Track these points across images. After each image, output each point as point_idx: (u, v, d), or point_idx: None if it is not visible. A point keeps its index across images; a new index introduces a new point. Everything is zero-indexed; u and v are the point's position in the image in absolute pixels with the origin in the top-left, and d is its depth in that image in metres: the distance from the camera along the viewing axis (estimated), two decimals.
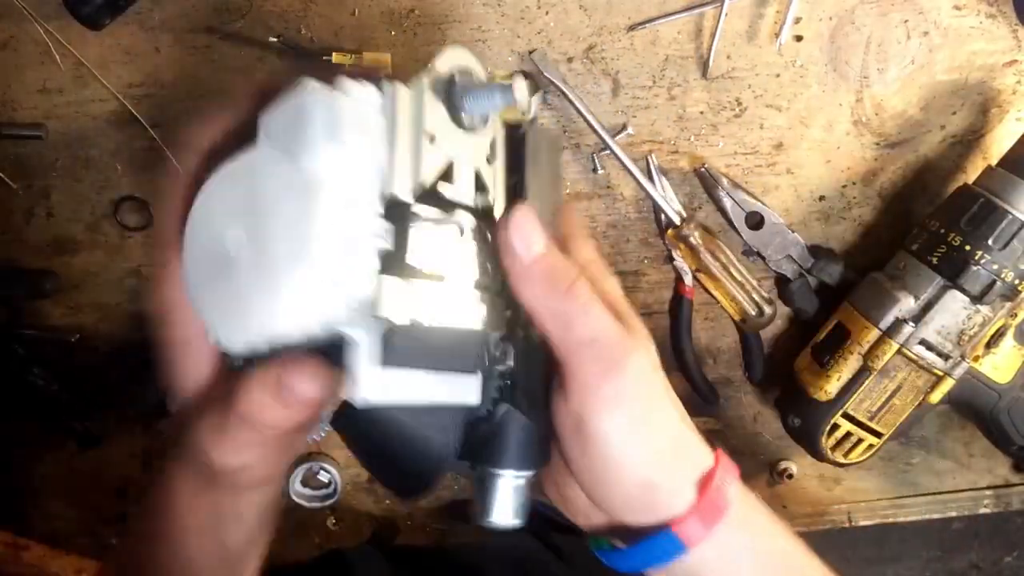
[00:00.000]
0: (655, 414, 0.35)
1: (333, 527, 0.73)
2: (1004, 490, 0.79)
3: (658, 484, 0.35)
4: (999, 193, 0.58)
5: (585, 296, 0.34)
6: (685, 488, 0.35)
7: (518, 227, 0.33)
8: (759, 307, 0.66)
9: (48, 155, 0.61)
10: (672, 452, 0.35)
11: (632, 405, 0.34)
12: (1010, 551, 1.45)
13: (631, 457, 0.34)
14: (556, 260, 0.34)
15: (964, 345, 0.61)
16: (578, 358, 0.34)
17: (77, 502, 0.71)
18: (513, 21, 0.59)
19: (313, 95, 0.29)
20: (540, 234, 0.33)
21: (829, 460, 0.66)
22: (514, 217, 0.33)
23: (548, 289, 0.33)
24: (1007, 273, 0.58)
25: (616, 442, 0.34)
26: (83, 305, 0.65)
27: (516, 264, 0.33)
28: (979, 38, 0.62)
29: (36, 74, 0.58)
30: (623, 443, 0.34)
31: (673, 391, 0.36)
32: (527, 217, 0.33)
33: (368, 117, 0.30)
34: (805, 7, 0.60)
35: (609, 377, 0.33)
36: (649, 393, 0.35)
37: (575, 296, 0.33)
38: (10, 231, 0.63)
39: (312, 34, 0.59)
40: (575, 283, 0.34)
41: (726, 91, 0.62)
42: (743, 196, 0.63)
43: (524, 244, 0.33)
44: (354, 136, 0.29)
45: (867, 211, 0.67)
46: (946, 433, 0.75)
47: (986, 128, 0.64)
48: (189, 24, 0.58)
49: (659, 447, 0.35)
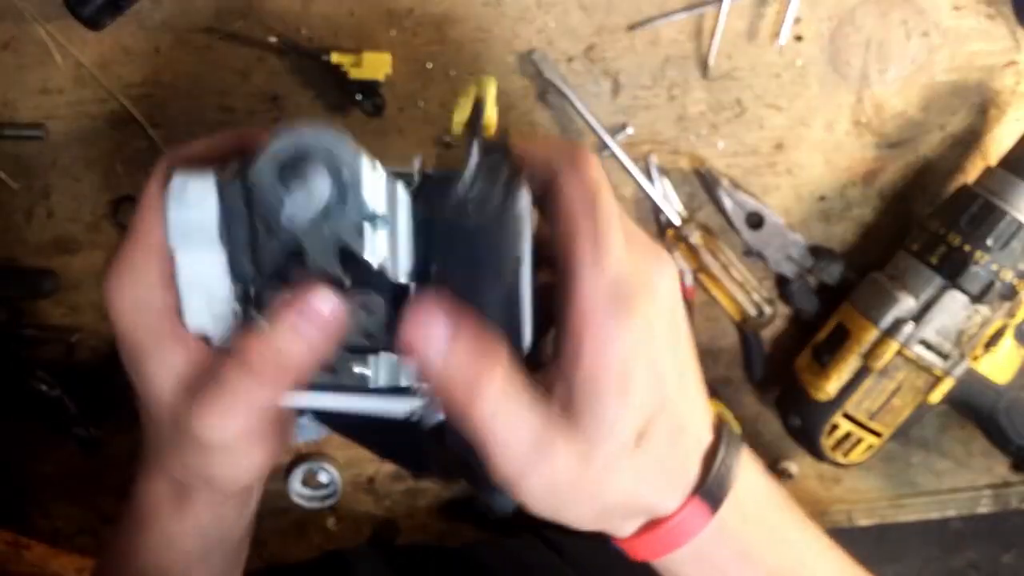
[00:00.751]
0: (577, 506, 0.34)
1: (333, 527, 0.73)
2: (1003, 489, 0.79)
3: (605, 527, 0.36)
4: (999, 193, 0.58)
5: (489, 409, 0.31)
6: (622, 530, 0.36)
7: (411, 337, 0.31)
8: (759, 307, 0.66)
9: (48, 155, 0.61)
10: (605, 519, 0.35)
11: (548, 501, 0.33)
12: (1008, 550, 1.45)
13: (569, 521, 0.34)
14: (454, 366, 0.31)
15: (964, 345, 0.61)
16: (495, 457, 0.32)
17: (78, 502, 0.71)
18: (513, 21, 0.59)
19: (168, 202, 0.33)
20: (436, 337, 0.31)
21: (829, 460, 0.66)
22: (407, 322, 0.31)
23: (452, 399, 0.32)
24: (1006, 273, 0.58)
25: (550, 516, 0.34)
26: (83, 305, 0.65)
27: (422, 371, 0.32)
28: (979, 39, 0.62)
29: (36, 74, 0.58)
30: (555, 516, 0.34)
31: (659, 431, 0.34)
32: (420, 319, 0.31)
33: (204, 222, 0.32)
34: (805, 7, 0.60)
35: (521, 480, 0.32)
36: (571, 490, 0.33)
37: (478, 409, 0.31)
38: (10, 231, 0.63)
39: (312, 34, 0.59)
40: (480, 392, 0.31)
41: (726, 91, 0.62)
42: (743, 196, 0.63)
43: (419, 350, 0.31)
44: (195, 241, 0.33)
45: (867, 211, 0.67)
46: (946, 433, 0.75)
47: (986, 128, 0.64)
48: (189, 24, 0.58)
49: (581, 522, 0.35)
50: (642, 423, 0.33)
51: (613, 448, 0.32)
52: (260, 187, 0.30)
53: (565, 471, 0.32)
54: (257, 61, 0.59)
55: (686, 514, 0.35)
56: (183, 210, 0.32)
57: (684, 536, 0.35)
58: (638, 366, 0.32)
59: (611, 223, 0.32)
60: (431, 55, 0.60)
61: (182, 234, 0.33)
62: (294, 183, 0.29)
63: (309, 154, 0.30)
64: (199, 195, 0.32)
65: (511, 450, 0.32)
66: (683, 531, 0.35)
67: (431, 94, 0.61)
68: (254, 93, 0.60)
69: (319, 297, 0.31)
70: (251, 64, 0.59)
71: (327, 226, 0.30)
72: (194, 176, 0.32)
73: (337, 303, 0.31)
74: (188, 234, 0.33)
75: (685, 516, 0.35)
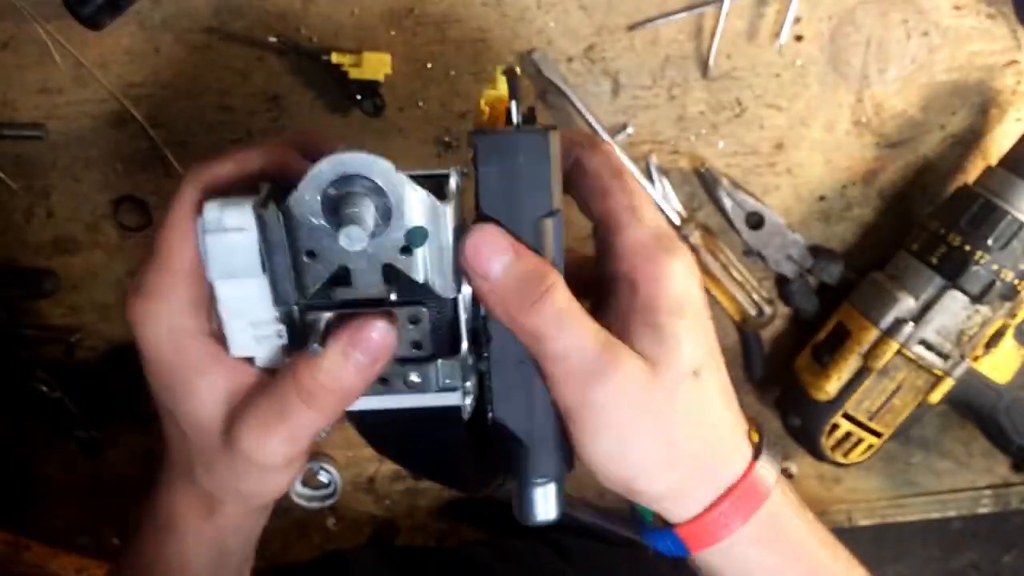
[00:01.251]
0: (645, 426, 0.33)
1: (333, 527, 0.73)
2: (1003, 489, 0.79)
3: (648, 494, 0.35)
4: (999, 193, 0.58)
5: (552, 311, 0.32)
6: (688, 499, 0.35)
7: (471, 253, 0.32)
8: (759, 307, 0.66)
9: (48, 155, 0.61)
10: (670, 467, 0.34)
11: (616, 421, 0.33)
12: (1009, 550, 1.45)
13: (617, 474, 0.34)
14: (516, 278, 0.32)
15: (964, 345, 0.61)
16: (554, 375, 0.33)
17: (78, 502, 0.71)
18: (513, 21, 0.59)
19: (205, 235, 0.32)
20: (498, 253, 0.32)
21: (829, 460, 0.66)
22: (467, 244, 0.32)
23: (513, 310, 0.33)
24: (1007, 273, 0.58)
25: (602, 460, 0.34)
26: (83, 305, 0.66)
27: (478, 288, 0.33)
28: (979, 38, 0.62)
29: (36, 74, 0.58)
30: (608, 460, 0.34)
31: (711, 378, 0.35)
32: (480, 240, 0.32)
33: (246, 250, 0.33)
34: (805, 7, 0.60)
35: (587, 394, 0.33)
36: (639, 403, 0.33)
37: (540, 313, 0.32)
38: (10, 231, 0.63)
39: (312, 34, 0.59)
40: (541, 298, 0.32)
41: (726, 91, 0.62)
42: (743, 196, 0.63)
43: (480, 268, 0.32)
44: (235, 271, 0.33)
45: (867, 211, 0.67)
46: (946, 433, 0.75)
47: (986, 128, 0.64)
48: (189, 24, 0.58)
49: (648, 462, 0.34)
50: (697, 355, 0.34)
51: (677, 370, 0.33)
52: (304, 217, 0.30)
53: (632, 384, 0.33)
54: (257, 61, 0.59)
55: (754, 477, 0.35)
56: (222, 242, 0.32)
57: (753, 503, 0.34)
58: (692, 302, 0.34)
59: (643, 191, 0.35)
60: (431, 55, 0.60)
61: (222, 266, 0.33)
62: (342, 214, 0.30)
63: (352, 182, 0.30)
64: (237, 225, 0.32)
65: (576, 361, 0.32)
66: (752, 497, 0.35)
67: (431, 94, 0.61)
68: (254, 93, 0.60)
69: (370, 326, 0.32)
70: (251, 64, 0.59)
71: (372, 247, 0.31)
72: (230, 206, 0.32)
73: (387, 329, 0.32)
74: (228, 265, 0.33)
75: (754, 480, 0.35)
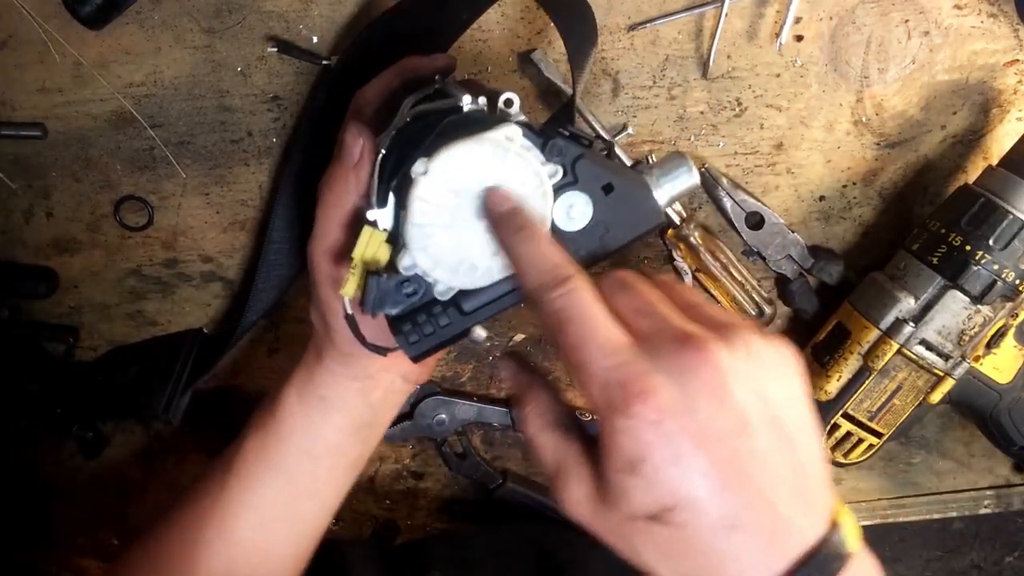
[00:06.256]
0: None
1: (333, 527, 0.73)
2: (1005, 490, 0.78)
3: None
4: (1000, 193, 0.58)
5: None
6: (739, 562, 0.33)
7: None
8: (759, 307, 0.66)
9: (48, 155, 0.61)
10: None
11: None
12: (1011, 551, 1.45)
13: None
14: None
15: (964, 345, 0.61)
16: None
17: (77, 502, 0.71)
18: (513, 21, 0.59)
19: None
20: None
21: (829, 460, 0.66)
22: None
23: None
24: (1008, 273, 0.58)
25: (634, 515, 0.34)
26: (83, 305, 0.66)
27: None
28: (980, 38, 0.62)
29: (35, 74, 0.58)
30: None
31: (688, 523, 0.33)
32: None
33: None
34: (805, 7, 0.60)
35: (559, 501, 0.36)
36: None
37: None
38: (10, 231, 0.63)
39: (312, 34, 0.58)
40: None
41: (726, 91, 0.62)
42: (743, 196, 0.63)
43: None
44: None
45: (867, 211, 0.66)
46: (946, 433, 0.75)
47: (987, 128, 0.64)
48: (189, 24, 0.58)
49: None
50: (650, 507, 0.32)
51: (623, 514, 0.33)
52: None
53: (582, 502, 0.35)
54: (257, 61, 0.59)
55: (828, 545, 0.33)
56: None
57: None
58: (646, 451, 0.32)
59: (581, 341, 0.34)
60: None
61: None
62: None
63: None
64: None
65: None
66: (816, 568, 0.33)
67: None
68: (254, 93, 0.60)
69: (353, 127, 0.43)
70: (251, 64, 0.59)
71: None
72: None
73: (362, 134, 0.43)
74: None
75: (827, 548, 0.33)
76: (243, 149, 0.61)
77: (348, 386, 0.49)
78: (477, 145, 0.37)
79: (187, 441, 0.70)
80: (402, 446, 0.72)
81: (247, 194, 0.63)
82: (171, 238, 0.64)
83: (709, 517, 0.32)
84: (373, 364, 0.48)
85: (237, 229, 0.64)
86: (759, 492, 0.32)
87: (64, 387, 0.65)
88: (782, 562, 0.32)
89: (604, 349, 0.33)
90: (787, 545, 0.33)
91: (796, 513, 0.33)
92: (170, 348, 0.65)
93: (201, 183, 0.62)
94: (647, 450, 0.32)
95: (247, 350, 0.68)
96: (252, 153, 0.61)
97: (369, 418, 0.51)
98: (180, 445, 0.70)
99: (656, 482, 0.32)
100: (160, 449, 0.70)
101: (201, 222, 0.63)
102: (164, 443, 0.70)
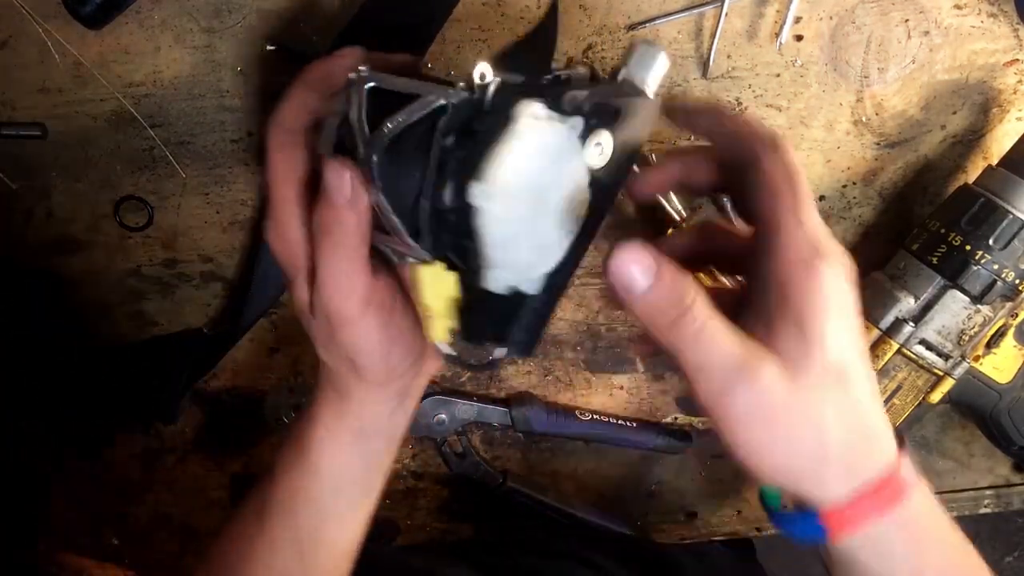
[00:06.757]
0: (789, 428, 0.35)
1: None
2: (1005, 490, 0.78)
3: (802, 487, 0.36)
4: (999, 193, 0.58)
5: (691, 331, 0.34)
6: (835, 487, 0.35)
7: (616, 268, 0.35)
8: None
9: (48, 155, 0.61)
10: (821, 460, 0.35)
11: (760, 424, 0.34)
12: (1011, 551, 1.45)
13: (768, 468, 0.35)
14: (659, 295, 0.35)
15: (964, 345, 0.61)
16: (696, 382, 0.35)
17: (77, 502, 0.71)
18: (513, 21, 0.59)
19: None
20: (641, 271, 0.35)
21: None
22: (613, 260, 0.35)
23: (655, 325, 0.35)
24: (1008, 273, 0.58)
25: (752, 455, 0.35)
26: (83, 305, 0.66)
27: (623, 300, 0.36)
28: (980, 37, 0.62)
29: (35, 74, 0.58)
30: (760, 456, 0.35)
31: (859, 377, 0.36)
32: (625, 257, 0.35)
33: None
34: (805, 7, 0.60)
35: (728, 401, 0.34)
36: (782, 406, 0.34)
37: (680, 331, 0.34)
38: (10, 231, 0.63)
39: (312, 33, 0.58)
40: (681, 317, 0.34)
41: (726, 91, 0.62)
42: None
43: (624, 285, 0.35)
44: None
45: (867, 211, 0.66)
46: (946, 433, 0.75)
47: (987, 128, 0.64)
48: (189, 24, 0.58)
49: (802, 461, 0.35)
50: (844, 355, 0.35)
51: (819, 373, 0.34)
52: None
53: (773, 388, 0.34)
54: (257, 61, 0.59)
55: (901, 472, 0.36)
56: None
57: (899, 495, 0.36)
58: (841, 304, 0.35)
59: (809, 195, 0.36)
60: (431, 55, 0.60)
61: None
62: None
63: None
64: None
65: (715, 370, 0.34)
66: (898, 489, 0.36)
67: None
68: (254, 93, 0.60)
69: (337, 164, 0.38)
70: (251, 64, 0.59)
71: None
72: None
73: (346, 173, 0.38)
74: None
75: (899, 474, 0.36)
76: (243, 149, 0.61)
77: (384, 410, 0.47)
78: (517, 141, 0.35)
79: (187, 441, 0.70)
80: (402, 446, 0.72)
81: (247, 194, 0.63)
82: (171, 238, 0.64)
83: (871, 373, 0.36)
84: (410, 379, 0.47)
85: (237, 229, 0.64)
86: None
87: (64, 387, 0.65)
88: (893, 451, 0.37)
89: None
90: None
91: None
92: (170, 348, 0.65)
93: (201, 183, 0.62)
94: (842, 293, 0.35)
95: (247, 350, 0.68)
96: (252, 153, 0.61)
97: (404, 425, 0.50)
98: (180, 445, 0.70)
99: (847, 326, 0.35)
100: (160, 449, 0.70)
101: (201, 222, 0.63)
102: (164, 443, 0.70)
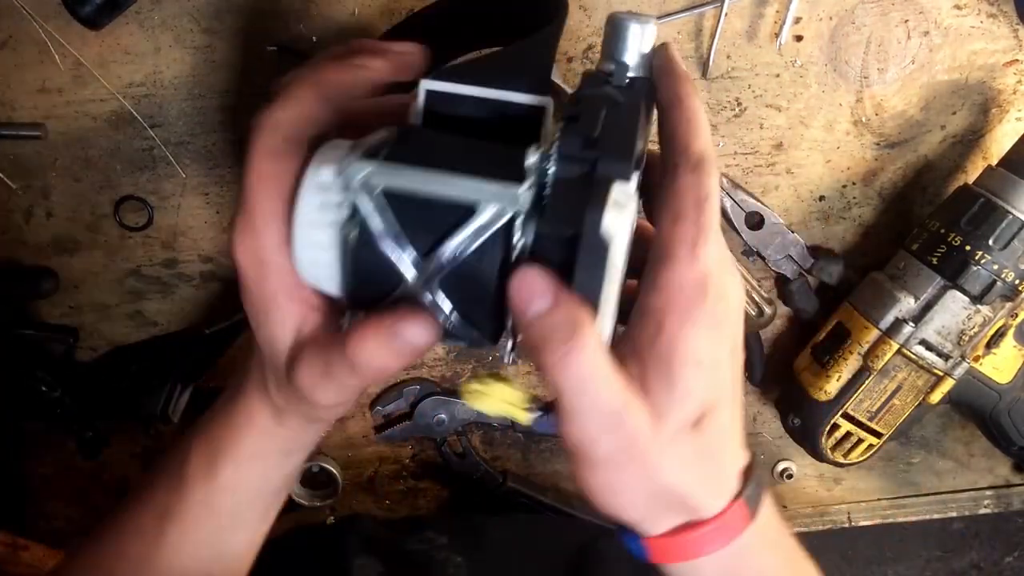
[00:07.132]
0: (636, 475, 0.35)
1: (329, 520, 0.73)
2: (1004, 490, 0.79)
3: (633, 519, 0.37)
4: (999, 193, 0.58)
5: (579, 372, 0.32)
6: (662, 522, 0.36)
7: (519, 284, 0.33)
8: (759, 307, 0.66)
9: (48, 155, 0.61)
10: (656, 500, 0.36)
11: (613, 468, 0.34)
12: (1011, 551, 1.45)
13: (611, 506, 0.36)
14: (555, 319, 0.32)
15: (964, 345, 0.61)
16: (564, 417, 0.34)
17: (77, 502, 0.71)
18: None
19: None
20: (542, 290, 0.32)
21: (829, 460, 0.66)
22: (517, 275, 0.33)
23: (544, 352, 0.32)
24: (1008, 273, 0.58)
25: (600, 494, 0.35)
26: (83, 305, 0.66)
27: (520, 323, 0.33)
28: (980, 38, 0.62)
29: (35, 74, 0.58)
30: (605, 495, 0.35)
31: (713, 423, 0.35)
32: (532, 272, 0.33)
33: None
34: (805, 7, 0.60)
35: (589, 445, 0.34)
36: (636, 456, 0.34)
37: (566, 370, 0.32)
38: (10, 231, 0.63)
39: (312, 34, 0.59)
40: (566, 356, 0.32)
41: (726, 91, 0.62)
42: (743, 196, 0.63)
43: (524, 301, 0.33)
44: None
45: (867, 211, 0.66)
46: (946, 433, 0.75)
47: (986, 128, 0.64)
48: (189, 24, 0.58)
49: (640, 500, 0.36)
50: (702, 408, 0.35)
51: (679, 421, 0.34)
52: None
53: (635, 436, 0.34)
54: (257, 61, 0.59)
55: (729, 516, 0.36)
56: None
57: (723, 538, 0.36)
58: (709, 355, 0.34)
59: (714, 226, 0.35)
60: None
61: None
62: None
63: None
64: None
65: (591, 417, 0.33)
66: (723, 533, 0.36)
67: None
68: (254, 93, 0.60)
69: (413, 322, 0.34)
70: (251, 64, 0.59)
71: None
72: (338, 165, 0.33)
73: (430, 333, 0.34)
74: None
75: (728, 518, 0.36)
76: (243, 149, 0.61)
77: (309, 431, 0.46)
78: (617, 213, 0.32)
79: None
80: (402, 446, 0.72)
81: None
82: (171, 238, 0.64)
83: (731, 410, 0.37)
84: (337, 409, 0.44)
85: None
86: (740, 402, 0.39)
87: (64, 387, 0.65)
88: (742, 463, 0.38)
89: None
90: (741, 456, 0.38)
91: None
92: (170, 348, 0.65)
93: (201, 183, 0.62)
94: (719, 337, 0.35)
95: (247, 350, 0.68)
96: None
97: (322, 434, 0.49)
98: None
99: (716, 373, 0.35)
100: (160, 449, 0.70)
101: (201, 222, 0.63)
102: (164, 443, 0.70)
